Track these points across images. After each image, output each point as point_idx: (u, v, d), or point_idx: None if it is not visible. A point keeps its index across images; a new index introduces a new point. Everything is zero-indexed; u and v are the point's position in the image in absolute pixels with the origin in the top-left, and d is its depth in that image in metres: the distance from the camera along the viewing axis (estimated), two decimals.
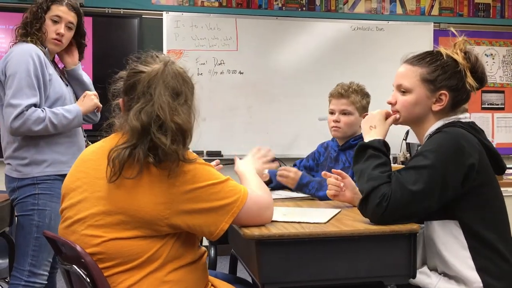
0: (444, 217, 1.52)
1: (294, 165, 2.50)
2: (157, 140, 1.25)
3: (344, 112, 2.31)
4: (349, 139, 2.34)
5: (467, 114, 1.63)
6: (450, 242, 1.51)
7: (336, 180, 1.84)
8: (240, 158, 1.68)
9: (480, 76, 1.60)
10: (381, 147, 1.58)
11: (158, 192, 1.26)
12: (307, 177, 2.19)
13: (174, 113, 1.28)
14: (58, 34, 2.24)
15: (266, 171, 2.19)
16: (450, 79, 1.58)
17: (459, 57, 1.58)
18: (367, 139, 1.62)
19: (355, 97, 2.31)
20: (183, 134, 1.29)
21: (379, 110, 1.68)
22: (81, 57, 2.42)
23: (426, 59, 1.61)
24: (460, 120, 1.59)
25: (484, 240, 1.49)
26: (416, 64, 1.62)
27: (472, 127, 1.58)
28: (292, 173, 2.18)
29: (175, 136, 1.27)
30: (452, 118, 1.60)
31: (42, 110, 2.13)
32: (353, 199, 1.83)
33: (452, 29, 1.66)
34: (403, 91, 1.62)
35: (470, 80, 1.57)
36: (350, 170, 2.12)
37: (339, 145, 2.38)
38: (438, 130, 1.57)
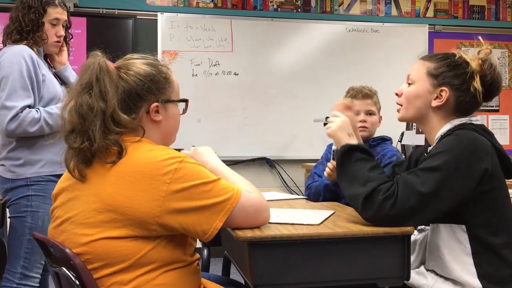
0: (451, 221, 1.49)
1: (316, 174, 2.46)
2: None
3: (369, 113, 2.34)
4: (368, 140, 2.36)
5: (478, 117, 1.61)
6: (454, 247, 1.49)
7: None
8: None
9: (488, 83, 1.57)
10: (369, 150, 1.56)
11: (149, 189, 1.24)
12: None
13: None
14: (59, 36, 2.25)
15: None
16: (454, 78, 1.57)
17: (472, 61, 1.57)
18: (351, 143, 1.55)
19: (376, 98, 2.38)
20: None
21: (345, 117, 1.59)
22: (68, 48, 2.39)
23: (438, 56, 1.63)
24: (472, 122, 1.58)
25: (489, 245, 1.47)
26: (427, 60, 1.64)
27: (484, 130, 1.56)
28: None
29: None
30: (464, 120, 1.58)
31: (37, 111, 2.11)
32: None
33: (480, 39, 1.65)
34: (409, 83, 1.64)
35: (476, 83, 1.54)
36: None
37: None
38: (450, 132, 1.54)
